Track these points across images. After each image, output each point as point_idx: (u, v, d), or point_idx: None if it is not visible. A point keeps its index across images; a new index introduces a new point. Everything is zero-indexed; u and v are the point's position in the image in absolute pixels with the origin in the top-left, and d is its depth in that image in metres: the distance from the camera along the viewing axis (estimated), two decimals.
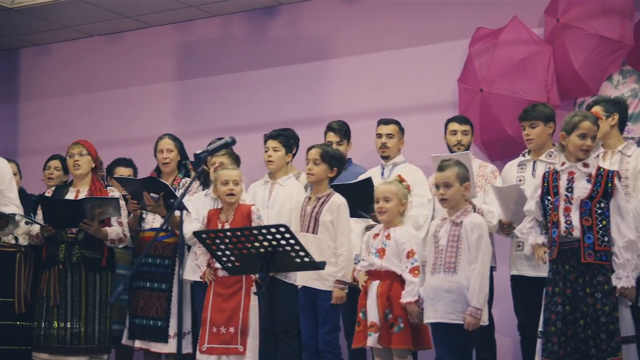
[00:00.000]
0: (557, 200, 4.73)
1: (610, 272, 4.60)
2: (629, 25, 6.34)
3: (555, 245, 4.69)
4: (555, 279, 4.70)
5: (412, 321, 5.08)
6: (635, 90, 6.36)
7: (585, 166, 4.76)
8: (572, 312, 4.61)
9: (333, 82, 7.84)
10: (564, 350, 4.58)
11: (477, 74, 6.85)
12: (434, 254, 5.04)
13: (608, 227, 4.65)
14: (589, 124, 4.77)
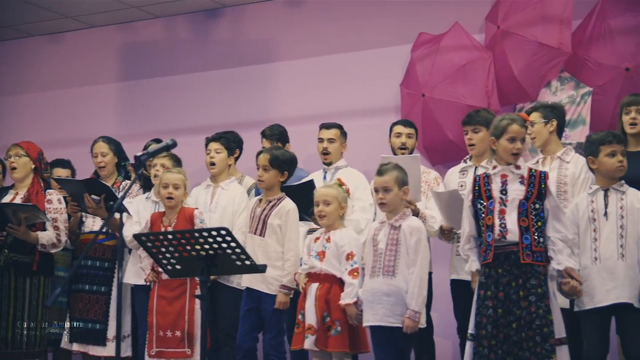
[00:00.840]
0: (492, 204, 4.76)
1: (542, 276, 4.66)
2: (567, 33, 6.43)
3: (491, 249, 4.72)
4: (488, 282, 4.72)
5: (351, 323, 5.10)
6: (572, 96, 6.46)
7: (517, 168, 4.81)
8: (505, 316, 4.63)
9: (276, 85, 7.85)
10: (495, 354, 4.61)
11: (419, 79, 6.91)
12: (373, 258, 5.07)
13: (543, 228, 4.71)
14: (517, 127, 4.80)
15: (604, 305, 4.82)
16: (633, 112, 5.36)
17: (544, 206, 4.71)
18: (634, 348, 4.81)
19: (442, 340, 6.08)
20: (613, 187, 4.95)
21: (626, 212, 4.89)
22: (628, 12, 6.32)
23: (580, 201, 5.04)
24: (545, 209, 4.70)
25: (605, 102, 6.19)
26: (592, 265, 4.88)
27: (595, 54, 6.39)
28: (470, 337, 4.76)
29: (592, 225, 4.93)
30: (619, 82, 6.22)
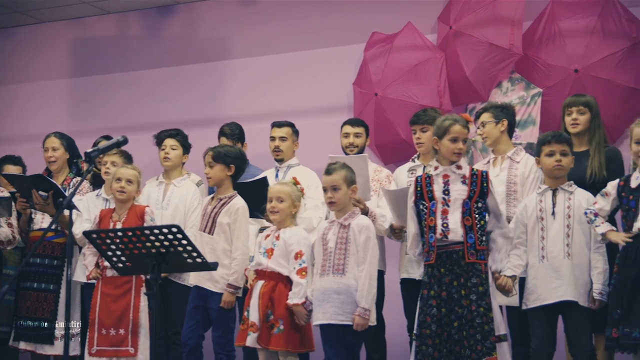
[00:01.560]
0: (434, 205, 4.80)
1: (484, 274, 4.71)
2: (518, 34, 6.49)
3: (433, 250, 4.76)
4: (431, 282, 4.76)
5: (299, 323, 5.10)
6: (523, 97, 6.53)
7: (459, 168, 4.85)
8: (447, 315, 4.68)
9: (229, 83, 7.83)
10: (439, 352, 4.66)
11: (371, 78, 6.93)
12: (323, 256, 5.08)
13: (486, 226, 4.77)
14: (460, 127, 4.85)
15: (549, 303, 4.88)
16: (574, 112, 5.43)
17: (486, 205, 4.76)
18: (580, 345, 4.88)
19: (393, 339, 6.10)
20: (561, 187, 5.01)
21: (573, 212, 4.95)
22: (577, 14, 6.39)
23: (530, 200, 5.10)
24: (487, 208, 4.76)
25: (555, 103, 6.24)
26: (539, 263, 4.95)
27: (545, 55, 6.46)
28: (414, 336, 4.81)
29: (540, 224, 5.00)
30: (568, 84, 6.29)
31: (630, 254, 4.64)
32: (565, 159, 4.98)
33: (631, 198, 4.69)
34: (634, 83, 6.21)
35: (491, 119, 5.55)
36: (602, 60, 6.23)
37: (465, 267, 4.69)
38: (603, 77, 6.20)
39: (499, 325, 4.71)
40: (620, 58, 6.21)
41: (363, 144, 6.15)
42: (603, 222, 4.79)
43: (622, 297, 4.61)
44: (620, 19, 6.27)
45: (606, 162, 5.28)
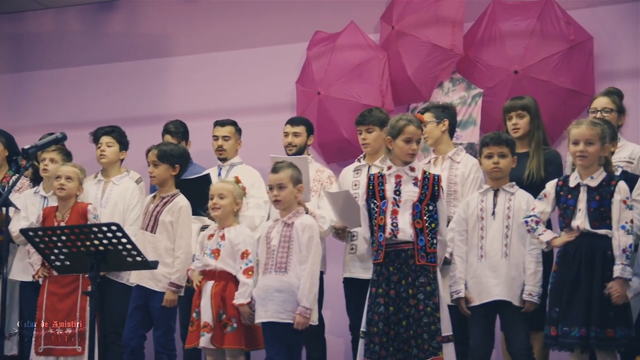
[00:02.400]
0: (385, 204, 4.84)
1: (432, 274, 4.75)
2: (459, 35, 6.55)
3: (382, 249, 4.79)
4: (379, 280, 4.80)
5: (244, 322, 5.10)
6: (464, 97, 6.59)
7: (412, 170, 4.89)
8: (396, 313, 4.71)
9: (171, 81, 7.77)
10: (386, 351, 4.69)
11: (314, 77, 6.94)
12: (266, 255, 5.08)
13: (436, 229, 4.81)
14: (414, 128, 4.89)
15: (487, 302, 4.93)
16: (514, 117, 5.49)
17: (436, 208, 4.80)
18: (516, 343, 4.93)
19: (334, 338, 6.12)
20: (503, 188, 5.05)
21: (513, 213, 4.99)
22: (517, 16, 6.47)
23: (472, 200, 5.14)
24: (438, 211, 4.80)
25: (495, 104, 6.32)
26: (478, 262, 4.99)
27: (486, 56, 6.53)
28: (362, 334, 4.82)
29: (480, 223, 5.04)
30: (507, 84, 6.36)
31: (569, 253, 4.69)
32: (503, 161, 5.01)
33: (570, 197, 4.74)
34: (572, 85, 6.31)
35: (432, 119, 5.58)
36: (541, 62, 6.32)
37: (414, 266, 4.74)
38: (542, 78, 6.29)
39: (447, 325, 4.76)
40: (559, 60, 6.31)
41: (302, 144, 6.15)
42: (545, 230, 4.84)
43: (561, 296, 4.66)
44: (559, 22, 6.36)
45: (545, 164, 5.34)
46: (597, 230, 4.65)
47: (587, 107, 5.63)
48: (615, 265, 4.57)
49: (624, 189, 4.66)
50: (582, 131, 4.73)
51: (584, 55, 6.36)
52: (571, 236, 4.70)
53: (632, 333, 4.60)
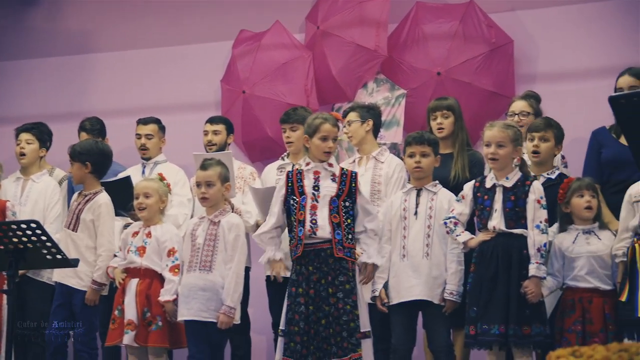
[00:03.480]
0: (304, 200, 4.86)
1: (351, 272, 4.79)
2: (383, 36, 6.61)
3: (301, 244, 4.81)
4: (299, 279, 4.81)
5: (169, 319, 5.08)
6: (388, 98, 6.65)
7: (330, 166, 4.93)
8: (315, 312, 4.73)
9: (94, 77, 7.68)
10: (307, 349, 4.71)
11: (239, 76, 6.94)
12: (191, 252, 5.07)
13: (352, 225, 4.84)
14: (330, 126, 4.91)
15: (408, 301, 4.99)
16: (439, 117, 5.55)
17: (354, 204, 4.84)
18: (437, 341, 5.00)
19: (257, 336, 6.13)
20: (426, 187, 5.10)
21: (435, 212, 5.05)
22: (440, 18, 6.56)
23: (395, 199, 5.19)
24: (355, 208, 4.84)
25: (419, 105, 6.40)
26: (400, 261, 5.04)
27: (410, 57, 6.60)
28: (281, 332, 4.83)
29: (403, 223, 5.08)
30: (431, 86, 6.45)
31: (486, 253, 4.76)
32: (425, 160, 5.06)
33: (486, 198, 4.82)
34: (493, 87, 6.43)
35: (357, 119, 5.63)
36: (463, 63, 6.42)
37: (333, 265, 4.75)
38: (464, 80, 6.39)
39: (365, 322, 4.81)
40: (480, 62, 6.42)
41: (222, 142, 6.16)
42: (463, 231, 4.90)
43: (479, 295, 4.73)
44: (481, 25, 6.47)
45: (470, 165, 5.42)
46: (513, 230, 4.74)
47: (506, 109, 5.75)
48: (530, 264, 4.66)
49: (539, 189, 4.76)
50: (493, 133, 4.82)
51: (505, 58, 6.49)
52: (487, 236, 4.79)
53: (547, 330, 4.70)
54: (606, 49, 6.31)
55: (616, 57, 6.05)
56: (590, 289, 4.77)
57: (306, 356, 4.70)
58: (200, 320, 4.96)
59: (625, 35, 6.32)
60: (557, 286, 4.84)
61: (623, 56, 5.97)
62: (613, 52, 6.24)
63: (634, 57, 5.84)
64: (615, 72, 5.36)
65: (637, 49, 6.17)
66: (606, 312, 4.72)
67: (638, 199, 4.74)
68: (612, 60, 5.95)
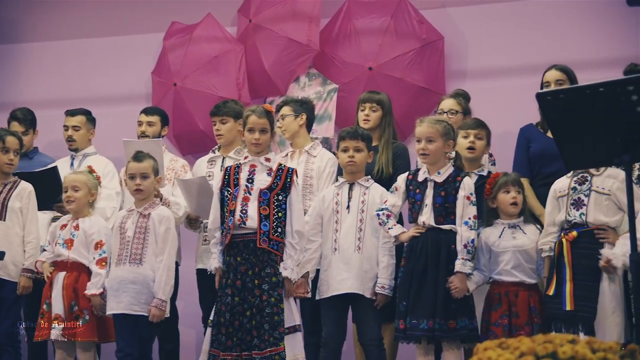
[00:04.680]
0: (237, 191, 4.88)
1: (278, 265, 4.82)
2: (315, 31, 6.63)
3: (229, 233, 4.83)
4: (228, 270, 4.84)
5: (96, 313, 5.04)
6: (320, 92, 6.68)
7: (267, 160, 4.94)
8: (241, 304, 4.76)
9: (23, 68, 7.55)
10: (232, 341, 4.73)
11: (171, 68, 6.90)
12: (120, 245, 5.05)
13: (283, 219, 4.87)
14: (255, 117, 4.94)
15: (339, 294, 5.01)
16: (367, 109, 5.60)
17: (287, 199, 4.86)
18: (367, 335, 5.04)
19: (186, 330, 6.11)
20: (358, 182, 5.13)
21: (367, 207, 5.08)
22: (372, 14, 6.61)
23: (327, 193, 5.21)
24: (287, 203, 4.85)
25: (350, 99, 6.41)
26: (332, 255, 5.06)
27: (342, 52, 6.64)
28: (210, 323, 4.85)
29: (335, 217, 5.11)
30: (362, 81, 6.49)
31: (416, 248, 4.81)
32: (359, 155, 5.09)
33: (417, 192, 4.87)
34: (424, 82, 6.49)
35: (291, 113, 5.64)
36: (395, 59, 6.47)
37: (261, 256, 4.78)
38: (395, 75, 6.45)
39: (292, 316, 4.82)
40: (412, 58, 6.48)
41: (156, 133, 6.13)
42: (395, 225, 4.95)
43: (409, 290, 4.77)
44: (412, 21, 6.53)
45: (393, 158, 5.46)
46: (442, 225, 4.79)
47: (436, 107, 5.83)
48: (457, 260, 4.73)
49: (469, 186, 4.81)
50: (423, 129, 4.87)
51: (436, 54, 6.55)
52: (417, 231, 4.84)
53: (473, 323, 4.77)
54: (534, 47, 6.41)
55: (544, 54, 6.16)
56: (516, 283, 4.85)
57: (231, 348, 4.72)
58: (130, 314, 4.93)
59: (553, 32, 6.45)
60: (484, 281, 4.91)
61: (550, 53, 6.08)
62: (541, 49, 6.35)
63: (560, 54, 5.95)
64: (543, 70, 5.48)
65: (564, 46, 6.29)
66: (531, 305, 4.80)
67: (563, 194, 4.83)
68: (539, 58, 6.05)
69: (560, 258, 4.72)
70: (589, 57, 6.16)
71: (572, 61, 5.59)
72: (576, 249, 4.71)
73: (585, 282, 4.65)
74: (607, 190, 4.72)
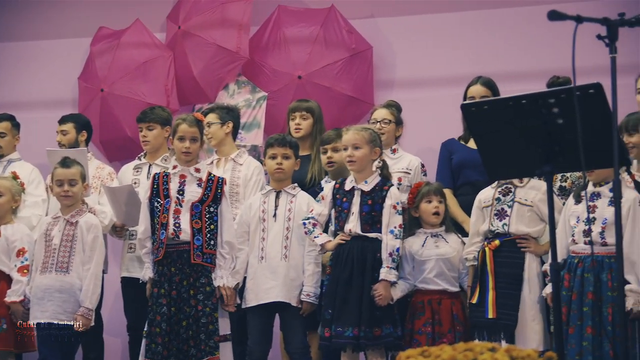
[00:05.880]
0: (168, 203, 4.85)
1: (212, 274, 4.81)
2: (245, 38, 6.62)
3: (163, 247, 4.81)
4: (162, 280, 4.82)
5: (15, 321, 4.96)
6: (249, 100, 6.67)
7: (197, 171, 4.93)
8: (177, 314, 4.76)
9: None
10: (168, 351, 4.73)
11: (98, 73, 6.83)
12: (45, 253, 5.00)
13: (216, 231, 4.86)
14: (185, 126, 4.95)
15: (265, 303, 5.01)
16: (297, 117, 5.62)
17: (218, 210, 4.85)
18: (294, 343, 5.04)
19: (111, 338, 6.03)
20: (285, 190, 5.14)
21: (293, 215, 5.09)
22: (301, 22, 6.63)
23: (254, 201, 5.21)
24: (218, 214, 4.84)
25: (279, 107, 6.45)
26: (258, 264, 5.06)
27: (271, 60, 6.64)
28: (144, 334, 4.82)
29: (262, 225, 5.11)
30: (291, 89, 6.50)
31: (342, 256, 4.83)
32: (286, 162, 5.11)
33: (345, 200, 4.89)
34: (352, 92, 6.53)
35: (217, 121, 5.63)
36: (324, 68, 6.51)
37: (195, 267, 4.79)
38: (324, 84, 6.47)
39: (225, 325, 4.83)
40: (341, 67, 6.52)
41: (71, 141, 6.02)
42: (321, 233, 4.96)
43: (334, 297, 4.79)
44: (341, 30, 6.58)
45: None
46: (368, 233, 4.82)
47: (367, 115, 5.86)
48: (382, 268, 4.76)
49: (395, 195, 4.85)
50: (349, 137, 4.90)
51: (364, 64, 6.60)
52: (343, 239, 4.86)
53: (398, 331, 4.79)
54: (461, 58, 6.50)
55: (470, 65, 6.24)
56: (439, 291, 4.89)
57: (167, 357, 4.73)
58: (55, 323, 4.87)
59: (479, 44, 6.54)
60: (410, 289, 4.95)
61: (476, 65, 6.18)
62: (467, 60, 6.44)
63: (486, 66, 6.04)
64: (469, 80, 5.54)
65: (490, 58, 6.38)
66: (454, 313, 4.85)
67: (487, 204, 4.90)
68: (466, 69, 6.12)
69: (484, 267, 4.79)
70: (514, 69, 6.26)
71: (497, 73, 5.67)
72: (498, 258, 4.79)
73: (507, 290, 4.73)
74: (529, 202, 4.81)
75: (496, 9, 6.57)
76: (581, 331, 4.42)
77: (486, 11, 6.60)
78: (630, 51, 5.84)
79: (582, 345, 4.39)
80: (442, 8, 6.66)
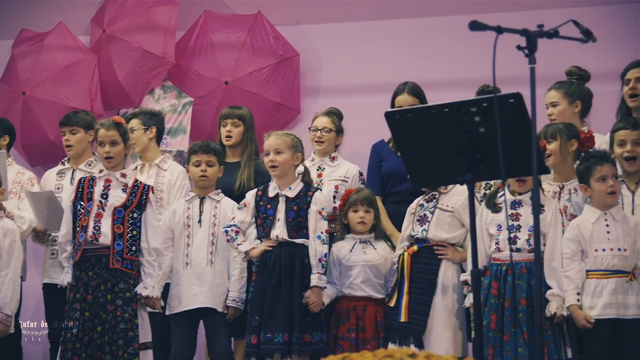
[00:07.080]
0: (90, 206, 4.80)
1: (132, 280, 4.75)
2: (171, 43, 6.60)
3: (80, 249, 4.75)
4: (78, 285, 4.75)
5: None
6: (175, 105, 6.64)
7: (123, 176, 4.88)
8: (91, 319, 4.69)
9: None
10: (79, 357, 4.65)
11: (20, 76, 6.73)
12: None
13: (138, 237, 4.81)
14: (103, 130, 4.90)
15: (190, 309, 4.99)
16: (229, 124, 5.61)
17: (142, 217, 4.80)
18: (218, 349, 5.04)
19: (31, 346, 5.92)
20: (209, 196, 5.14)
21: (218, 220, 5.09)
22: (228, 28, 6.63)
23: (178, 207, 5.19)
24: (142, 220, 4.80)
25: (206, 113, 6.46)
26: (183, 270, 5.05)
27: (198, 65, 6.63)
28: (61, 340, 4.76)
29: (187, 231, 5.10)
30: (218, 94, 6.50)
31: (269, 262, 4.83)
32: (210, 170, 5.11)
33: (269, 207, 4.90)
34: (279, 98, 6.55)
35: (140, 126, 5.60)
36: (251, 74, 6.51)
37: (114, 272, 4.73)
38: (251, 90, 6.48)
39: (146, 332, 4.77)
40: (267, 74, 6.54)
41: None
42: (244, 241, 4.95)
43: (262, 304, 4.78)
44: (268, 37, 6.59)
45: (255, 175, 5.49)
46: (295, 239, 4.83)
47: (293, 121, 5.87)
48: (312, 274, 4.78)
49: (320, 200, 4.88)
50: (271, 141, 4.92)
51: (291, 71, 6.63)
52: (268, 245, 4.86)
53: (325, 337, 4.83)
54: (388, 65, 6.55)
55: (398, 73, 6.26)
56: (365, 298, 4.92)
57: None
58: None
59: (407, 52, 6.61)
60: (337, 294, 4.97)
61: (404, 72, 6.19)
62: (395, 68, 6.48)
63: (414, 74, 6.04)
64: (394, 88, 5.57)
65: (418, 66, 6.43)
66: (378, 319, 4.89)
67: (413, 210, 4.96)
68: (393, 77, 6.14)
69: (402, 270, 4.85)
70: (440, 77, 6.33)
71: (423, 81, 5.70)
72: (415, 263, 4.85)
73: (420, 295, 4.80)
74: (450, 208, 4.87)
75: (421, 17, 6.64)
76: (516, 337, 4.48)
77: (411, 20, 6.67)
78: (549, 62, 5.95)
79: (517, 352, 4.46)
80: (368, 16, 6.72)
